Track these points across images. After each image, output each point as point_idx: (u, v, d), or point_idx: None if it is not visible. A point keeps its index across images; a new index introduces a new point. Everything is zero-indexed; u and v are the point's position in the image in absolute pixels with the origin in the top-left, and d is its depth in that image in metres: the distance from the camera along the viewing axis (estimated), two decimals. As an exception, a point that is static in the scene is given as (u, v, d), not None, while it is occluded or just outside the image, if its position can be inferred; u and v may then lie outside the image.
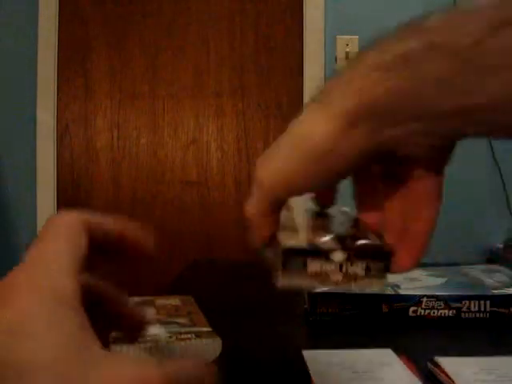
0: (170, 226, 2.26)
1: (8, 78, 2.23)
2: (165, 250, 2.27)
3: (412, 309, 0.71)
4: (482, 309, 0.71)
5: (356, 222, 0.32)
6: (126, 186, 2.27)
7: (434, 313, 0.71)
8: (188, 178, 2.27)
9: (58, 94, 2.24)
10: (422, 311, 0.71)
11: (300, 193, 0.30)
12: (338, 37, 2.20)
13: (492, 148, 2.20)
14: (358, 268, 0.29)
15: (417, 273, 0.81)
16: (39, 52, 2.21)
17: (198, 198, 2.27)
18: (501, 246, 2.18)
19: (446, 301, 0.71)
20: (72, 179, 2.27)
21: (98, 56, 2.25)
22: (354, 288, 0.29)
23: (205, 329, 0.56)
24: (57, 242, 0.23)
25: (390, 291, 0.72)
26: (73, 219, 0.25)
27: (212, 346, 0.52)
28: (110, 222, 0.28)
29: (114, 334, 0.30)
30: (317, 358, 0.55)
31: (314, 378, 0.50)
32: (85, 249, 0.24)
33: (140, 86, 2.26)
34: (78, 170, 2.27)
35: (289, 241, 0.29)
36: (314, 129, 0.28)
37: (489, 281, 0.77)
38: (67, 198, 2.27)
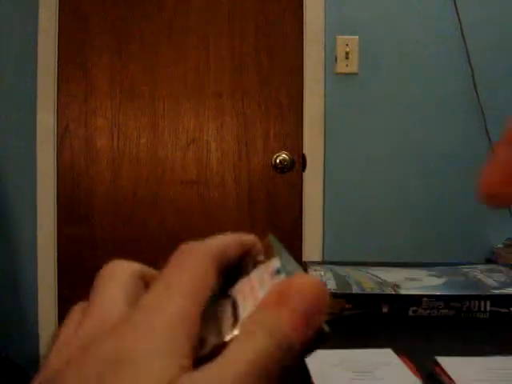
0: (170, 226, 2.26)
1: (8, 77, 2.23)
2: (164, 250, 2.27)
3: (412, 309, 0.71)
4: (482, 309, 0.71)
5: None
6: (126, 185, 2.27)
7: (434, 313, 0.71)
8: (188, 177, 2.26)
9: (58, 94, 2.24)
10: (422, 311, 0.71)
11: None
12: (337, 37, 2.20)
13: (492, 148, 2.20)
14: None
15: (417, 273, 0.81)
16: (39, 52, 2.21)
17: (197, 198, 2.26)
18: (501, 246, 2.18)
19: (446, 301, 0.71)
20: (72, 179, 2.27)
21: (98, 56, 2.25)
22: None
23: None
24: (191, 280, 0.22)
25: (390, 291, 0.72)
26: (207, 254, 0.24)
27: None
28: (233, 246, 0.25)
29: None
30: (317, 358, 0.55)
31: (313, 377, 0.50)
32: (213, 288, 0.23)
33: (140, 86, 2.26)
34: (77, 170, 2.27)
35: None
36: None
37: (489, 281, 0.77)
38: (67, 198, 2.27)
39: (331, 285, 0.73)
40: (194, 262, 0.23)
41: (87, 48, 2.25)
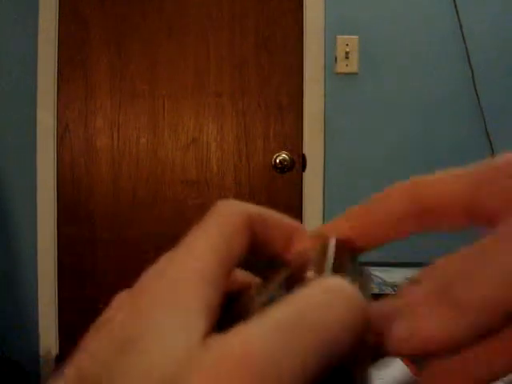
0: (170, 226, 2.26)
1: (8, 78, 2.23)
2: (164, 250, 2.27)
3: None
4: (482, 309, 0.71)
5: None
6: (126, 186, 2.27)
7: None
8: (188, 177, 2.26)
9: (58, 94, 2.24)
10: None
11: None
12: (338, 37, 2.20)
13: (492, 148, 2.20)
14: None
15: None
16: (39, 52, 2.21)
17: (198, 198, 2.26)
18: (501, 245, 2.17)
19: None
20: (72, 179, 2.27)
21: (98, 56, 2.25)
22: None
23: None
24: (214, 237, 0.20)
25: (390, 291, 0.72)
26: (240, 212, 0.21)
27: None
28: (278, 222, 0.22)
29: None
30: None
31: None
32: (242, 250, 0.21)
33: (140, 86, 2.26)
34: (77, 170, 2.27)
35: None
36: None
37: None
38: (67, 198, 2.27)
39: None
40: (220, 221, 0.21)
41: (87, 48, 2.25)
